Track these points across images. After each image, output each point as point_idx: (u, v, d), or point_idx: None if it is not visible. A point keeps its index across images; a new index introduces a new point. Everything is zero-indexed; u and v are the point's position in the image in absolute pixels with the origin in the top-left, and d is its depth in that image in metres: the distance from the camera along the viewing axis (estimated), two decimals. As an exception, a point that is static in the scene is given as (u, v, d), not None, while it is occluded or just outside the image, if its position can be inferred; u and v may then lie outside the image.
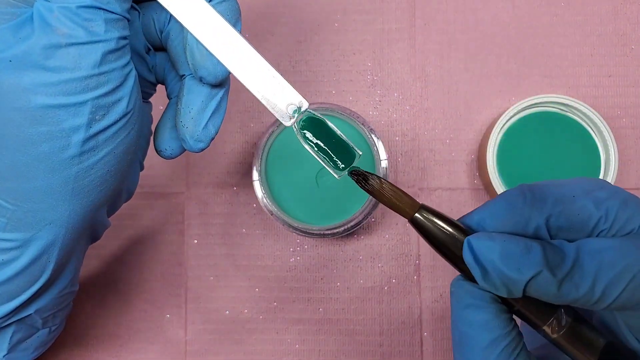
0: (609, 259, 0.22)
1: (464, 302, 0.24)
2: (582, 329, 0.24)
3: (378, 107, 0.44)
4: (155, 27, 0.28)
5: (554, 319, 0.24)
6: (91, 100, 0.24)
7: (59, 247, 0.26)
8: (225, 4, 0.26)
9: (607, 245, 0.22)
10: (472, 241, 0.23)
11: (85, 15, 0.23)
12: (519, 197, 0.23)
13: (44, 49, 0.23)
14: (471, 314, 0.23)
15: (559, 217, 0.23)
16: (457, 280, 0.24)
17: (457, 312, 0.24)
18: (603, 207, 0.23)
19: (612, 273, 0.22)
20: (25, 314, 0.28)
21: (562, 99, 0.40)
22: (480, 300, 0.23)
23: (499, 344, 0.23)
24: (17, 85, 0.23)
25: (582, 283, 0.22)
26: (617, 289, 0.22)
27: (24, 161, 0.24)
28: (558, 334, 0.24)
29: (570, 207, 0.23)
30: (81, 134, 0.24)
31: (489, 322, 0.23)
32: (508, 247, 0.22)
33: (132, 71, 0.26)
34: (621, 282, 0.22)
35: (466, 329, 0.24)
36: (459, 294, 0.24)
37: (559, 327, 0.24)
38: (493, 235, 0.23)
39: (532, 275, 0.22)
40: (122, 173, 0.27)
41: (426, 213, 0.24)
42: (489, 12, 0.44)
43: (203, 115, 0.28)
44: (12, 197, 0.25)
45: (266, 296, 0.43)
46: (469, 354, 0.23)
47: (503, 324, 0.23)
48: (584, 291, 0.22)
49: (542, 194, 0.23)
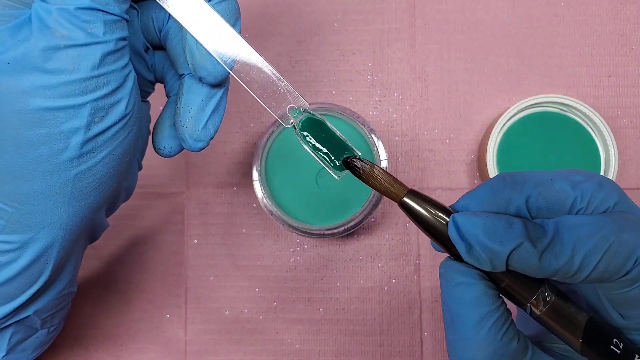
0: (586, 232, 0.23)
1: (453, 281, 0.24)
2: (565, 305, 0.25)
3: (378, 107, 0.44)
4: (154, 26, 0.28)
5: (538, 296, 0.24)
6: (90, 102, 0.24)
7: (58, 248, 0.26)
8: (225, 4, 0.26)
9: (584, 220, 0.23)
10: (456, 218, 0.24)
11: (83, 17, 0.23)
12: (499, 182, 0.25)
13: (43, 51, 0.23)
14: (461, 292, 0.24)
15: (537, 198, 0.24)
16: (445, 261, 0.25)
17: (446, 291, 0.25)
18: (579, 188, 0.24)
19: (589, 244, 0.23)
20: (24, 315, 0.28)
21: (562, 99, 0.40)
22: (469, 277, 0.24)
23: (489, 319, 0.24)
24: (15, 87, 0.23)
25: (561, 254, 0.23)
26: (595, 259, 0.23)
27: (22, 163, 0.24)
28: (542, 310, 0.24)
29: (548, 188, 0.24)
30: (80, 136, 0.24)
31: (478, 298, 0.24)
32: (491, 222, 0.23)
33: (131, 72, 0.25)
34: (598, 252, 0.23)
35: (456, 307, 0.24)
36: (447, 274, 0.25)
37: (542, 303, 0.24)
38: (476, 212, 0.24)
39: (514, 247, 0.23)
40: (121, 174, 0.27)
41: (414, 197, 0.25)
42: (489, 12, 0.44)
43: (202, 114, 0.28)
44: (11, 200, 0.25)
45: (266, 296, 0.43)
46: (461, 331, 0.24)
47: (491, 300, 0.24)
48: (563, 261, 0.23)
49: (522, 178, 0.25)
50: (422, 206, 0.25)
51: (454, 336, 0.25)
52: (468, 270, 0.24)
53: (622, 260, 0.23)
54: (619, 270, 0.23)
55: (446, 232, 0.24)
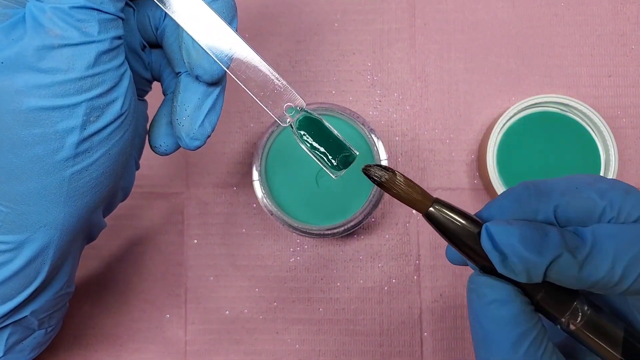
0: (626, 241, 0.22)
1: (486, 298, 0.23)
2: (601, 320, 0.24)
3: (378, 107, 0.44)
4: (150, 24, 0.28)
5: (573, 310, 0.23)
6: (85, 101, 0.24)
7: (54, 249, 0.26)
8: (221, 2, 0.26)
9: (621, 229, 0.22)
10: (490, 227, 0.23)
11: (78, 16, 0.23)
12: (524, 192, 0.24)
13: (37, 50, 0.23)
14: (495, 310, 0.23)
15: (566, 208, 0.23)
16: (476, 276, 0.24)
17: (479, 308, 0.24)
18: (606, 196, 0.23)
19: (630, 253, 0.22)
20: (21, 315, 0.28)
21: (562, 99, 0.40)
22: (504, 294, 0.23)
23: (526, 338, 0.23)
24: (9, 87, 0.23)
25: (601, 264, 0.22)
26: (637, 269, 0.22)
27: (17, 163, 0.24)
28: (577, 325, 0.23)
29: (575, 197, 0.23)
30: (75, 135, 0.24)
31: (515, 316, 0.23)
32: (527, 231, 0.22)
33: (127, 71, 0.25)
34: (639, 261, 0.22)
35: (491, 325, 0.23)
36: (480, 289, 0.24)
37: (577, 318, 0.23)
38: (511, 221, 0.23)
39: (554, 258, 0.22)
40: (117, 174, 0.27)
41: (440, 206, 0.24)
42: (489, 12, 0.44)
43: (199, 113, 0.27)
44: (6, 200, 0.25)
45: (266, 296, 0.43)
46: (496, 351, 0.23)
47: (529, 317, 0.23)
48: (604, 272, 0.22)
49: (547, 188, 0.24)
50: (450, 217, 0.24)
51: (487, 355, 0.24)
52: (503, 285, 0.23)
53: None
54: None
55: (475, 244, 0.23)
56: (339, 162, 0.27)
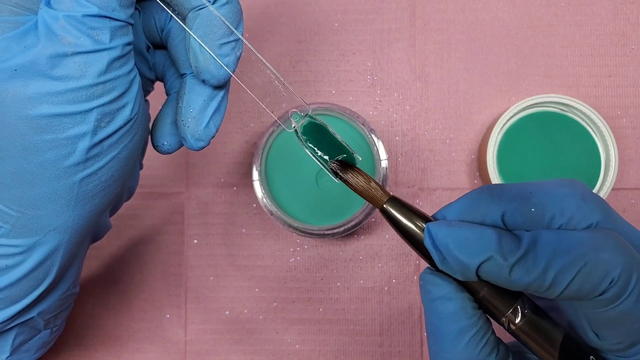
0: (563, 248, 0.22)
1: (431, 294, 0.25)
2: (541, 321, 0.25)
3: (378, 107, 0.44)
4: (156, 26, 0.28)
5: (513, 310, 0.24)
6: (97, 107, 0.24)
7: (63, 251, 0.27)
8: (228, 6, 0.26)
9: (563, 236, 0.23)
10: (430, 227, 0.24)
11: (91, 24, 0.23)
12: (479, 195, 0.24)
13: (50, 58, 0.23)
14: (439, 306, 0.24)
15: (513, 213, 0.24)
16: (425, 274, 0.25)
17: (426, 304, 0.25)
18: (559, 203, 0.24)
19: (564, 260, 0.22)
20: (28, 316, 0.28)
21: (562, 99, 0.40)
22: (447, 291, 0.24)
23: (466, 333, 0.24)
24: (22, 94, 0.23)
25: (533, 268, 0.22)
26: (568, 276, 0.22)
27: (28, 169, 0.24)
28: (517, 325, 0.24)
29: (525, 203, 0.24)
30: (86, 141, 0.24)
31: (456, 313, 0.24)
32: (462, 233, 0.23)
33: (137, 76, 0.26)
34: (572, 269, 0.22)
35: (435, 320, 0.25)
36: (426, 287, 0.25)
37: (517, 318, 0.24)
38: (451, 222, 0.24)
39: (483, 260, 0.22)
40: (125, 176, 0.27)
41: (395, 204, 0.25)
42: (489, 12, 0.44)
43: (204, 114, 0.28)
44: (16, 204, 0.25)
45: (266, 296, 0.43)
46: (440, 343, 0.25)
47: (470, 313, 0.24)
48: (535, 276, 0.22)
49: (501, 192, 0.24)
50: (403, 213, 0.25)
51: (434, 347, 0.25)
52: (445, 283, 0.24)
53: (597, 279, 0.22)
54: (594, 290, 0.22)
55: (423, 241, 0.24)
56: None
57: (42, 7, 0.23)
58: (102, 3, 0.23)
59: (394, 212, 0.25)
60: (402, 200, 0.25)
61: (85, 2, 0.23)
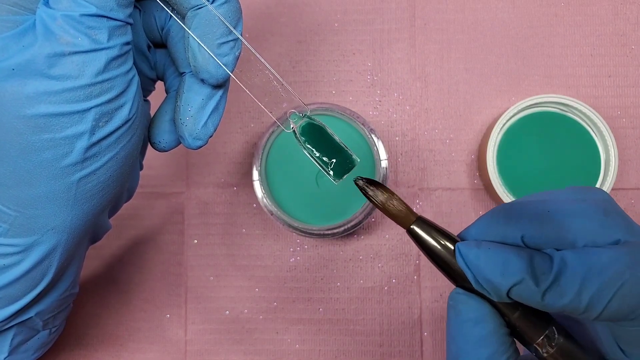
0: (597, 266, 0.22)
1: (462, 316, 0.24)
2: (573, 349, 0.24)
3: (378, 107, 0.44)
4: (156, 24, 0.28)
5: (545, 337, 0.24)
6: (95, 107, 0.24)
7: (61, 251, 0.27)
8: (227, 6, 0.26)
9: (592, 254, 0.22)
10: (460, 247, 0.23)
11: (89, 24, 0.23)
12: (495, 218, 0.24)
13: (48, 57, 0.23)
14: (469, 328, 0.24)
15: (533, 235, 0.23)
16: (456, 294, 0.25)
17: (455, 326, 0.24)
18: (581, 220, 0.23)
19: (600, 280, 0.21)
20: (27, 316, 0.28)
21: (562, 99, 0.40)
22: (480, 314, 0.24)
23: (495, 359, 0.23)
24: (20, 93, 0.23)
25: (567, 291, 0.22)
26: (606, 297, 0.21)
27: (26, 168, 0.24)
28: (549, 352, 0.24)
29: (545, 224, 0.23)
30: (84, 140, 0.24)
31: (487, 337, 0.23)
32: (493, 254, 0.23)
33: (135, 76, 0.25)
34: (609, 290, 0.21)
35: (463, 344, 0.24)
36: (458, 307, 0.24)
37: (549, 345, 0.24)
38: (481, 242, 0.23)
39: (514, 283, 0.22)
40: (124, 177, 0.27)
41: (422, 224, 0.25)
42: (489, 12, 0.44)
43: (202, 113, 0.28)
44: (14, 204, 0.25)
45: (266, 296, 0.43)
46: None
47: (500, 340, 0.23)
48: (569, 299, 0.22)
49: (519, 213, 0.24)
50: (431, 235, 0.25)
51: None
52: (478, 305, 0.24)
53: (636, 299, 0.21)
54: (634, 310, 0.21)
55: (452, 261, 0.24)
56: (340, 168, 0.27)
57: (40, 6, 0.23)
58: (101, 3, 0.23)
59: (422, 233, 0.25)
60: (428, 220, 0.25)
61: (84, 1, 0.23)
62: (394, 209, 0.25)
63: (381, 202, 0.26)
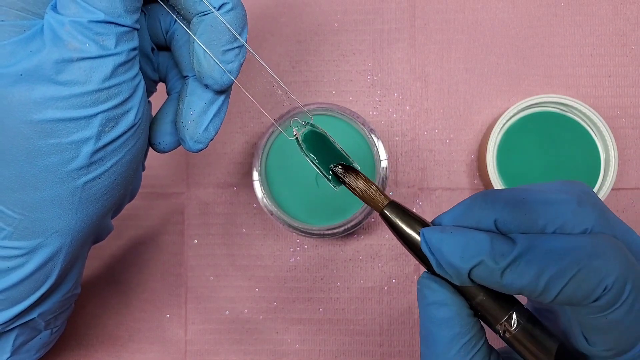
0: (558, 252, 0.22)
1: (427, 299, 0.25)
2: (535, 330, 0.25)
3: (378, 107, 0.44)
4: (161, 28, 0.29)
5: (508, 318, 0.24)
6: (101, 113, 0.24)
7: (65, 254, 0.27)
8: (233, 13, 0.26)
9: (558, 240, 0.23)
10: (424, 232, 0.24)
11: (97, 30, 0.23)
12: (472, 201, 0.25)
13: (56, 63, 0.23)
14: (434, 311, 0.25)
15: (506, 220, 0.24)
16: (422, 278, 0.25)
17: (421, 308, 0.25)
18: (553, 209, 0.24)
19: (557, 266, 0.22)
20: (29, 317, 0.28)
21: (562, 99, 0.40)
22: (443, 297, 0.24)
23: (459, 340, 0.24)
24: (27, 98, 0.23)
25: (526, 273, 0.22)
26: (561, 282, 0.22)
27: (32, 172, 0.24)
28: (511, 333, 0.24)
29: (517, 209, 0.24)
30: (90, 145, 0.24)
31: (450, 318, 0.24)
32: (455, 238, 0.23)
33: (141, 81, 0.26)
34: (565, 276, 0.22)
35: (429, 325, 0.25)
36: (422, 291, 0.25)
37: (512, 326, 0.24)
38: (445, 227, 0.24)
39: (475, 264, 0.23)
40: (128, 180, 0.27)
41: (394, 209, 0.25)
42: (489, 12, 0.44)
43: (204, 117, 0.28)
44: (19, 207, 0.25)
45: (266, 296, 0.43)
46: (433, 348, 0.25)
47: (464, 321, 0.24)
48: (527, 281, 0.22)
49: (494, 198, 0.24)
50: (401, 218, 0.25)
51: (426, 352, 0.25)
52: (442, 288, 0.25)
53: (590, 286, 0.22)
54: (587, 296, 0.22)
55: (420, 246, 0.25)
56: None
57: (48, 12, 0.23)
58: (108, 9, 0.23)
59: (392, 216, 0.25)
60: (401, 205, 0.26)
61: (92, 7, 0.23)
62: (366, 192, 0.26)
63: (356, 187, 0.27)
